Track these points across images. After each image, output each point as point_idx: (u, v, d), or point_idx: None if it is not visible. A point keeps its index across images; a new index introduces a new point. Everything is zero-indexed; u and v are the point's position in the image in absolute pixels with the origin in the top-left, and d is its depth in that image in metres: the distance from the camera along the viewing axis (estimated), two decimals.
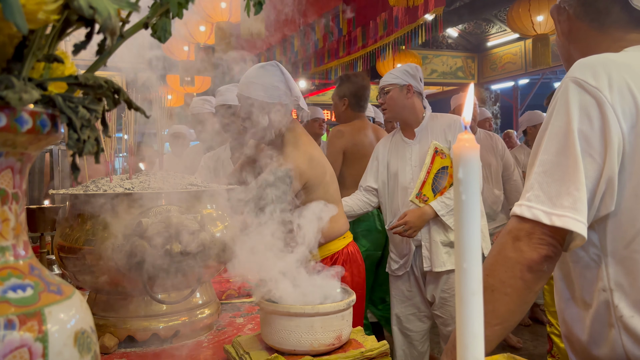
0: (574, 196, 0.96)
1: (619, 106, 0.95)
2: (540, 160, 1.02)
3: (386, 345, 1.09)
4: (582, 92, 0.98)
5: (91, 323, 0.49)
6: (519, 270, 1.00)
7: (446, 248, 2.67)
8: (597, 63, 1.00)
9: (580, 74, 1.00)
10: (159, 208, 1.22)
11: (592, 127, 0.97)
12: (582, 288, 1.06)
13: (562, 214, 0.96)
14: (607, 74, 0.98)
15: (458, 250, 0.47)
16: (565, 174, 0.98)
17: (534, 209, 0.99)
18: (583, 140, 0.97)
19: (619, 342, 1.00)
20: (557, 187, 0.98)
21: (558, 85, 1.06)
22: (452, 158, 0.50)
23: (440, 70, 9.42)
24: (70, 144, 0.43)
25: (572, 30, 1.19)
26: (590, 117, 0.97)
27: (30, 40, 0.44)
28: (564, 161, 0.98)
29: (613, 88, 0.96)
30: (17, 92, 0.39)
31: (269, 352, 1.05)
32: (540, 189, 1.00)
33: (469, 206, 0.47)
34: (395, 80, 2.79)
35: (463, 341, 0.47)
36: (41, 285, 0.45)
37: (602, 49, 1.12)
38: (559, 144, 1.00)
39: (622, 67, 0.99)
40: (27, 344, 0.41)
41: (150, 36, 0.51)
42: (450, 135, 2.70)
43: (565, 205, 0.96)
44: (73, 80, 0.46)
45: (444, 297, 2.73)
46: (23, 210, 0.47)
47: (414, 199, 2.70)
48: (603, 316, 1.02)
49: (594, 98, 0.97)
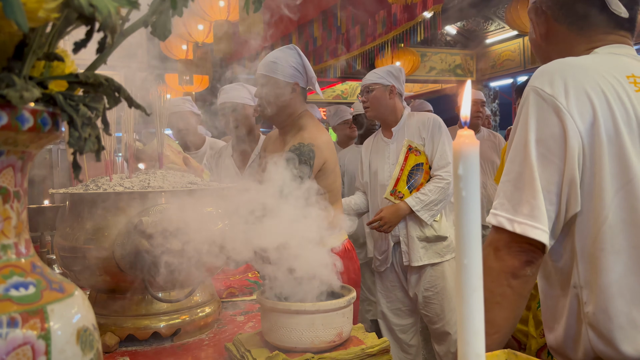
0: (531, 204, 1.02)
1: (575, 110, 1.00)
2: (506, 169, 1.09)
3: (387, 342, 1.09)
4: (540, 100, 1.03)
5: (93, 321, 0.49)
6: (504, 278, 1.05)
7: (422, 243, 2.75)
8: (555, 70, 1.05)
9: (539, 82, 1.05)
10: (159, 206, 1.22)
11: (552, 134, 1.02)
12: (559, 286, 1.10)
13: (521, 221, 1.02)
14: (563, 80, 1.02)
15: (459, 247, 0.47)
16: (524, 184, 1.04)
17: (498, 216, 1.06)
18: (542, 148, 1.02)
19: (586, 339, 1.04)
20: (519, 195, 1.04)
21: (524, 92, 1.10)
22: (426, 154, 0.50)
23: (438, 68, 9.41)
24: (72, 142, 0.43)
25: (550, 32, 1.22)
26: (548, 124, 1.02)
27: (31, 38, 0.44)
28: (523, 171, 1.04)
29: (569, 93, 1.01)
30: (18, 91, 0.39)
31: (270, 350, 1.05)
32: (505, 197, 1.06)
33: (469, 202, 0.47)
34: (380, 80, 2.86)
35: (464, 337, 0.47)
36: (43, 283, 0.45)
37: (581, 51, 1.16)
38: (519, 154, 1.05)
39: (579, 71, 1.04)
40: (30, 341, 0.41)
41: (150, 34, 0.52)
42: (425, 132, 2.78)
43: (524, 212, 1.02)
44: (74, 79, 0.46)
45: (427, 295, 2.79)
46: (24, 209, 0.47)
47: (389, 196, 2.79)
48: (574, 313, 1.06)
49: (550, 106, 1.02)
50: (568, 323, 1.08)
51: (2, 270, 0.43)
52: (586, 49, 1.16)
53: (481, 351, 0.48)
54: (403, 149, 2.78)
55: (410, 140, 2.78)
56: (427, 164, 2.76)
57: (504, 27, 8.80)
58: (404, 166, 2.76)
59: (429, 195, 2.68)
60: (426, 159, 2.77)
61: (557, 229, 1.05)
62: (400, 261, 2.85)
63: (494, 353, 0.82)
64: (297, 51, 2.19)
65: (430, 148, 2.75)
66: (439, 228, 2.75)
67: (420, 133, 2.79)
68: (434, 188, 2.68)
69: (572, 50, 1.17)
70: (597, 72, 1.04)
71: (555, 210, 1.03)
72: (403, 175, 2.76)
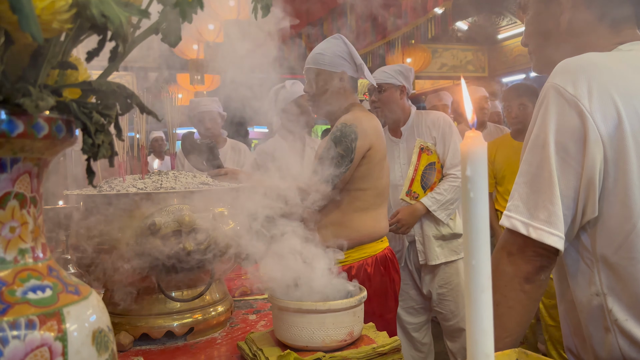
0: (549, 210, 0.98)
1: (598, 114, 0.95)
2: (522, 170, 1.04)
3: (398, 342, 1.10)
4: (561, 100, 0.98)
5: (108, 322, 0.50)
6: (518, 283, 1.03)
7: (439, 242, 2.75)
8: (579, 68, 0.99)
9: (561, 80, 0.99)
10: (171, 207, 1.23)
11: (571, 137, 0.97)
12: (576, 292, 1.07)
13: (538, 226, 0.98)
14: (587, 80, 0.96)
15: (467, 247, 0.47)
16: (542, 187, 0.99)
17: (512, 218, 1.02)
18: (561, 151, 0.98)
19: (615, 346, 1.00)
20: (535, 199, 1.00)
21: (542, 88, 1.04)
22: (438, 154, 0.49)
23: (450, 64, 9.36)
24: (85, 149, 0.44)
25: (574, 22, 1.12)
26: (569, 126, 0.97)
27: (45, 48, 0.45)
28: (541, 174, 1.00)
29: (592, 95, 0.95)
30: (33, 100, 0.40)
31: (281, 349, 1.06)
32: (520, 199, 1.02)
33: (477, 203, 0.47)
34: (391, 79, 2.80)
35: (473, 337, 0.48)
36: (59, 286, 0.47)
37: (606, 46, 1.08)
38: (537, 156, 1.01)
39: (603, 70, 0.98)
40: (48, 343, 0.42)
41: (161, 41, 0.53)
42: (435, 132, 2.77)
43: (541, 218, 0.98)
44: (87, 87, 0.47)
45: (441, 292, 2.79)
46: (41, 214, 0.49)
47: (404, 197, 2.79)
48: (598, 320, 1.02)
49: (572, 107, 0.96)
50: (591, 329, 1.04)
51: (20, 273, 0.45)
52: (611, 44, 1.08)
53: (490, 351, 0.48)
54: (415, 149, 2.77)
55: (422, 140, 2.78)
56: (438, 163, 2.77)
57: (516, 22, 8.71)
58: (418, 166, 2.76)
59: (444, 195, 2.68)
60: (438, 158, 2.77)
61: (571, 233, 1.02)
62: (415, 260, 2.85)
63: (505, 352, 0.82)
64: (342, 40, 2.13)
65: (442, 147, 2.76)
66: (454, 226, 2.76)
67: (431, 132, 2.79)
68: (449, 187, 2.69)
69: (596, 44, 1.09)
70: (623, 73, 0.98)
71: (572, 215, 0.99)
72: (417, 175, 2.77)
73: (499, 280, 1.04)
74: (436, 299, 2.80)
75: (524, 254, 1.02)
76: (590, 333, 1.04)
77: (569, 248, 1.05)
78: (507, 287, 1.04)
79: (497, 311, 1.05)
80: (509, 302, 1.04)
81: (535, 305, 1.06)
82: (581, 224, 1.01)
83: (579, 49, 1.07)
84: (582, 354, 1.09)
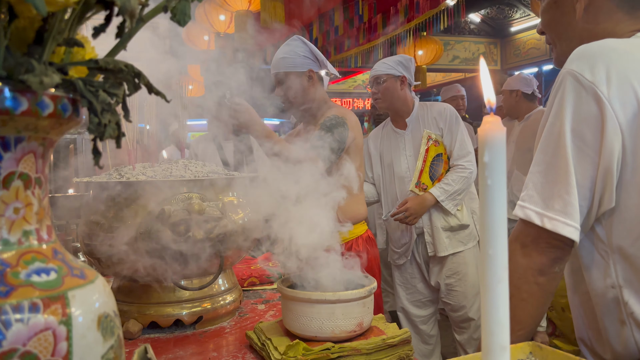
0: (565, 200, 0.95)
1: (616, 101, 0.91)
2: (536, 159, 1.01)
3: (408, 333, 1.08)
4: (579, 86, 0.94)
5: (114, 307, 0.49)
6: (532, 275, 1.01)
7: (447, 233, 2.75)
8: (597, 53, 0.95)
9: (578, 66, 0.96)
10: (181, 195, 1.22)
11: (588, 124, 0.94)
12: (591, 284, 1.04)
13: (552, 217, 0.96)
14: (606, 66, 0.93)
15: (484, 237, 0.46)
16: (557, 176, 0.96)
17: (526, 209, 0.99)
18: (578, 139, 0.95)
19: (631, 339, 0.97)
20: (550, 188, 0.97)
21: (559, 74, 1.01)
22: (445, 145, 0.48)
23: (462, 57, 9.28)
24: (91, 128, 0.43)
25: (592, 7, 1.08)
26: (586, 113, 0.94)
27: (50, 24, 0.43)
28: (556, 163, 0.97)
29: (611, 81, 0.92)
30: (37, 76, 0.39)
31: (290, 339, 1.05)
32: (534, 189, 0.99)
33: (494, 191, 0.45)
34: (390, 70, 2.79)
35: (488, 329, 0.46)
36: (65, 269, 0.46)
37: (624, 33, 1.05)
38: (553, 145, 0.98)
39: (623, 56, 0.94)
40: (52, 327, 0.41)
41: (170, 20, 0.51)
42: (442, 123, 2.77)
43: (556, 208, 0.96)
44: (93, 65, 0.46)
45: (449, 283, 2.79)
46: (46, 195, 0.48)
47: (414, 188, 2.78)
48: (613, 313, 1.00)
49: (589, 94, 0.93)
50: (606, 321, 1.02)
51: (24, 256, 0.43)
52: (630, 30, 1.04)
53: (506, 343, 0.46)
54: (424, 140, 2.77)
55: (429, 131, 2.77)
56: (445, 154, 2.77)
57: (529, 15, 8.61)
58: (426, 157, 2.76)
59: (452, 185, 2.68)
60: (444, 149, 2.77)
61: (587, 224, 0.99)
62: (423, 252, 2.85)
63: (518, 345, 0.81)
64: (301, 40, 2.23)
65: (449, 138, 2.75)
66: (461, 217, 2.75)
67: (438, 124, 2.78)
68: (457, 178, 2.68)
69: (613, 31, 1.06)
70: None
71: (588, 205, 0.97)
72: (425, 166, 2.77)
73: (512, 272, 1.01)
74: (444, 290, 2.80)
75: (537, 245, 0.99)
76: (605, 326, 1.02)
77: (583, 239, 1.02)
78: (521, 280, 1.01)
79: (510, 304, 1.03)
80: (522, 294, 1.01)
81: (549, 297, 1.04)
82: (597, 215, 0.98)
83: (596, 37, 1.04)
84: (596, 347, 1.07)
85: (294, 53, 2.18)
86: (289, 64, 2.18)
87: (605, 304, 1.01)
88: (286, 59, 2.18)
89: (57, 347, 0.41)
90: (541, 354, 0.79)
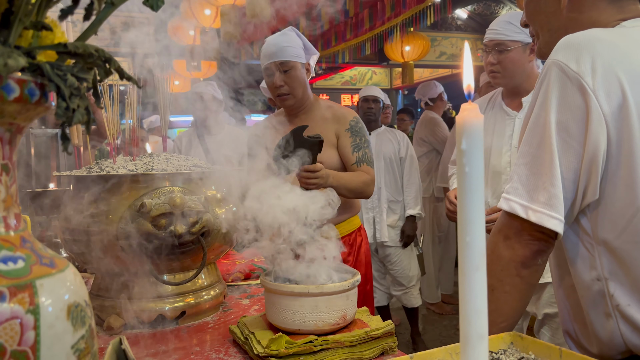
0: (550, 192, 0.94)
1: (602, 92, 0.90)
2: (521, 151, 1.01)
3: (391, 325, 1.08)
4: (564, 77, 0.93)
5: (86, 297, 0.48)
6: (514, 267, 1.00)
7: None
8: (582, 44, 0.94)
9: (563, 56, 0.95)
10: (162, 189, 1.21)
11: (573, 116, 0.93)
12: (576, 277, 1.03)
13: (537, 209, 0.95)
14: (591, 57, 0.92)
15: (461, 224, 0.45)
16: (542, 168, 0.96)
17: (511, 201, 0.99)
18: (562, 131, 0.94)
19: (617, 332, 0.97)
20: (535, 180, 0.97)
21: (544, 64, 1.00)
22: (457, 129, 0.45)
23: (449, 53, 9.30)
24: (59, 113, 0.42)
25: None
26: (570, 105, 0.93)
27: (16, 5, 0.42)
28: (542, 155, 0.96)
29: (596, 72, 0.91)
30: (1, 57, 0.37)
31: (273, 332, 1.04)
32: (519, 182, 0.99)
33: (472, 178, 0.45)
34: (519, 36, 2.04)
35: (466, 318, 0.46)
36: (33, 258, 0.44)
37: (608, 22, 1.04)
38: (538, 137, 0.97)
39: (609, 47, 0.93)
40: (18, 315, 0.40)
41: (143, 4, 0.50)
42: None
43: (541, 200, 0.95)
44: (62, 49, 0.44)
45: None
46: (14, 182, 0.46)
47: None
48: (599, 306, 1.00)
49: (574, 85, 0.92)
50: (591, 314, 1.01)
51: None
52: (614, 20, 1.03)
53: (484, 332, 0.46)
54: None
55: None
56: None
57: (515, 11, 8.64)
58: None
59: None
60: None
61: (570, 217, 0.99)
62: None
63: (499, 336, 0.81)
64: (295, 32, 2.17)
65: None
66: None
67: None
68: None
69: (597, 21, 1.04)
70: (629, 49, 0.94)
71: (571, 197, 0.96)
72: None
73: (495, 264, 1.01)
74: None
75: (521, 237, 0.99)
76: (590, 318, 1.02)
77: (568, 232, 1.02)
78: (504, 272, 1.01)
79: (492, 296, 1.04)
80: (505, 287, 1.01)
81: (532, 289, 1.04)
82: (581, 207, 0.98)
83: (581, 26, 1.03)
84: (581, 339, 1.07)
85: (295, 43, 2.10)
86: (294, 53, 2.08)
87: (590, 297, 1.00)
88: (290, 48, 2.07)
89: (24, 337, 0.40)
90: (522, 343, 0.79)
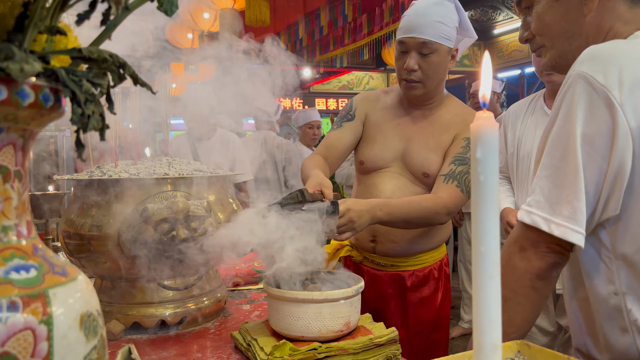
0: (574, 206, 0.92)
1: (628, 106, 0.88)
2: (543, 163, 0.99)
3: (395, 332, 1.08)
4: (590, 90, 0.91)
5: (97, 306, 0.47)
6: (529, 279, 0.99)
7: None
8: (608, 56, 0.92)
9: (589, 68, 0.92)
10: (164, 194, 1.20)
11: (598, 130, 0.91)
12: (592, 290, 1.02)
13: (560, 223, 0.93)
14: (618, 70, 0.90)
15: (476, 233, 0.45)
16: (566, 181, 0.94)
17: (533, 214, 0.97)
18: (587, 144, 0.92)
19: (633, 347, 0.96)
20: (558, 194, 0.95)
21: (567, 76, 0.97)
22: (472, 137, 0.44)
23: None
24: (74, 119, 0.41)
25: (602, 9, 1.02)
26: (597, 118, 0.91)
27: (31, 10, 0.42)
28: (565, 167, 0.94)
29: (623, 86, 0.89)
30: (18, 63, 0.37)
31: (276, 339, 1.04)
32: (542, 194, 0.97)
33: (487, 187, 0.45)
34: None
35: (480, 327, 0.46)
36: (45, 267, 0.44)
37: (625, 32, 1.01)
38: (562, 149, 0.95)
39: (633, 60, 0.91)
40: (31, 326, 0.39)
41: (157, 9, 0.49)
42: None
43: (564, 214, 0.93)
44: (76, 54, 0.44)
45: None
46: (26, 189, 0.46)
47: None
48: (615, 320, 0.98)
49: (601, 98, 0.90)
50: (607, 328, 1.00)
51: (3, 252, 0.41)
52: (632, 29, 1.00)
53: (498, 342, 0.46)
54: None
55: None
56: None
57: (512, 17, 8.71)
58: None
59: None
60: None
61: (587, 230, 0.96)
62: None
63: (507, 344, 0.80)
64: (455, 4, 1.64)
65: None
66: None
67: None
68: None
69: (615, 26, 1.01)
70: None
71: (590, 211, 0.94)
72: None
73: (509, 275, 0.99)
74: None
75: (537, 249, 0.97)
76: (605, 332, 1.00)
77: (585, 245, 1.00)
78: (518, 283, 0.99)
79: (505, 306, 1.01)
80: (518, 298, 1.00)
81: (544, 301, 1.02)
82: (599, 221, 0.96)
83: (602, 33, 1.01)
84: (594, 354, 1.06)
85: (450, 19, 1.59)
86: (444, 33, 1.57)
87: (606, 311, 0.99)
88: (441, 25, 1.57)
89: (37, 348, 0.39)
90: (529, 352, 0.78)
